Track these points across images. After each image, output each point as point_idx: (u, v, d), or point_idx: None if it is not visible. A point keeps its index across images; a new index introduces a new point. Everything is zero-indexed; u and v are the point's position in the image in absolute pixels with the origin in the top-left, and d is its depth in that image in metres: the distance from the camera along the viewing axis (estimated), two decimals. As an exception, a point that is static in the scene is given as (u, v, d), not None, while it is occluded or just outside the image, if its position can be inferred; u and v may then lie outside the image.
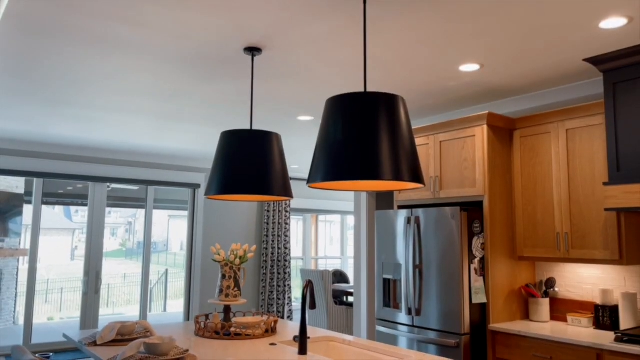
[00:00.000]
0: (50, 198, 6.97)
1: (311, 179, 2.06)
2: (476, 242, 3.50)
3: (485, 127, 3.57)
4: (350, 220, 10.42)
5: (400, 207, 4.22)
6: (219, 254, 3.14)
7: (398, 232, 3.89)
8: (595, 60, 3.05)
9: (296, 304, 8.91)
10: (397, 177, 1.96)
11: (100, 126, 5.15)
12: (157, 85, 3.74)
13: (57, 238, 13.91)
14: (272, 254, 7.84)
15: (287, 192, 2.84)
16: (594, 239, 3.21)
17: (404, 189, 2.21)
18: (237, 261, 3.15)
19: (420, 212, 3.73)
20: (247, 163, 2.74)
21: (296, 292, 9.44)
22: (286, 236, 8.03)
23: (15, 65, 3.32)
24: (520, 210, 3.64)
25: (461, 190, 3.68)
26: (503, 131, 3.70)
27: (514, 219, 3.68)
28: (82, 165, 6.59)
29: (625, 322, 3.13)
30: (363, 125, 1.99)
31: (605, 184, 2.95)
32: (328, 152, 2.02)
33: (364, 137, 1.97)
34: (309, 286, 2.63)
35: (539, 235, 3.51)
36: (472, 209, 3.53)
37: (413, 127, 4.21)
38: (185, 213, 7.59)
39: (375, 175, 1.93)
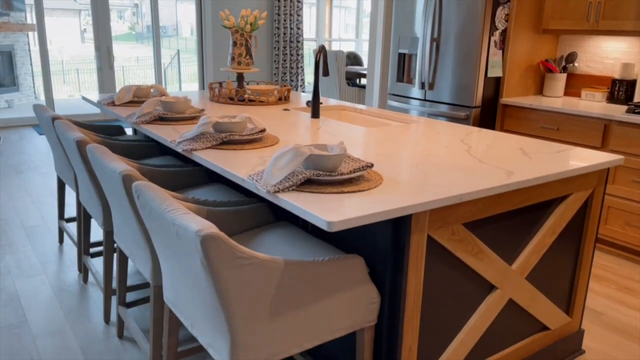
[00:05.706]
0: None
1: None
2: (500, 13, 3.29)
3: None
4: (367, 5, 9.81)
5: (422, -24, 3.89)
6: (228, 20, 3.01)
7: (418, 2, 3.65)
8: None
9: (309, 88, 8.97)
10: None
11: None
12: None
13: (63, 20, 13.54)
14: (285, 34, 7.60)
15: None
16: (627, 8, 2.98)
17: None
18: (248, 27, 3.03)
19: (443, -21, 3.44)
20: None
21: (309, 77, 9.43)
22: (299, 15, 7.67)
23: None
24: (553, -22, 3.33)
25: (492, -46, 3.33)
26: None
27: (544, -12, 3.40)
28: None
29: (640, 96, 3.11)
30: None
31: (656, -59, 2.62)
32: None
33: None
34: (321, 52, 2.56)
35: (569, 5, 3.27)
36: (500, -25, 3.24)
37: None
38: (192, -10, 7.13)
39: None
